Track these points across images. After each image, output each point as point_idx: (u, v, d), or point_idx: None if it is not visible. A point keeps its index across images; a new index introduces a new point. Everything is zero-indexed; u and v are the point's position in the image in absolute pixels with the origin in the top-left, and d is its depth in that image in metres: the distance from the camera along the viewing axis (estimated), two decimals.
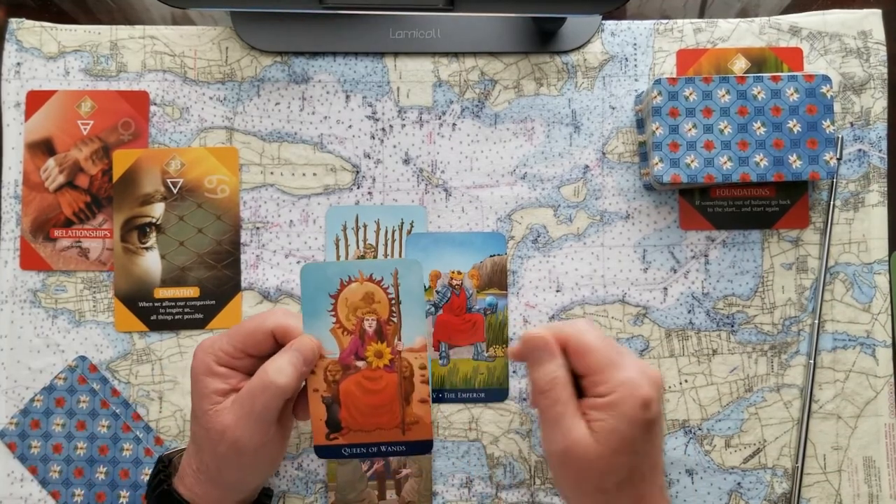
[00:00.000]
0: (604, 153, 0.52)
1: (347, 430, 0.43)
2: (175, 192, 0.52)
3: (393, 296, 0.43)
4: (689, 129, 0.48)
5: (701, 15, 0.55)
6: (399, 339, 0.43)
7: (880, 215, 0.52)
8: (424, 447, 0.44)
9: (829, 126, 0.48)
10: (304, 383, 0.43)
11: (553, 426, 0.40)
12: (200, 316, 0.51)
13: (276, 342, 0.43)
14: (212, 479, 0.42)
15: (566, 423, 0.39)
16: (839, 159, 0.51)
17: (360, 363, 0.43)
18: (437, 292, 0.51)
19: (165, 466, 0.45)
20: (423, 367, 0.43)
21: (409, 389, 0.43)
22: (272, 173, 0.52)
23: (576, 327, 0.41)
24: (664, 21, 0.53)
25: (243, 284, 0.52)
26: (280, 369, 0.40)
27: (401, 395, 0.43)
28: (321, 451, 0.44)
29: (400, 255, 0.51)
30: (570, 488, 0.41)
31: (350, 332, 0.43)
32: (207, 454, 0.42)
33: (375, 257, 0.51)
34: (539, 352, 0.41)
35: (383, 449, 0.44)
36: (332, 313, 0.43)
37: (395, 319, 0.43)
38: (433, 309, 0.51)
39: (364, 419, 0.43)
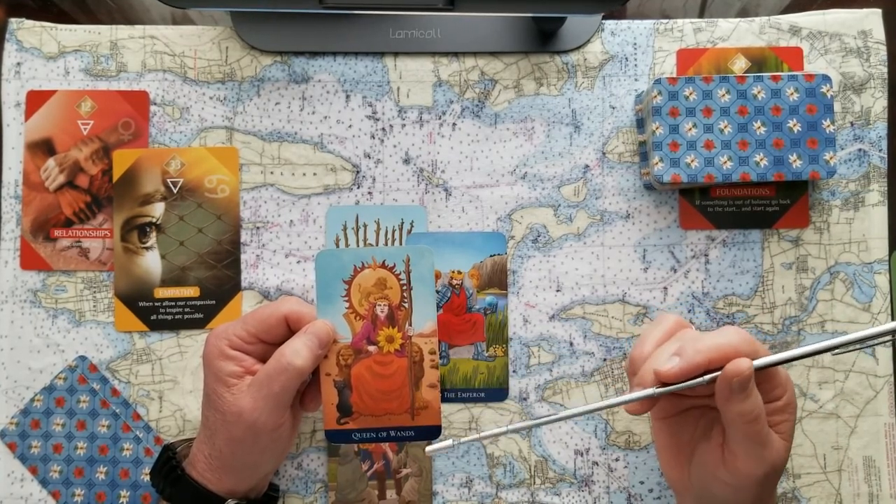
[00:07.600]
0: (604, 153, 0.52)
1: (358, 415, 0.44)
2: (175, 191, 0.52)
3: (405, 282, 0.44)
4: (690, 129, 0.48)
5: (701, 15, 0.55)
6: (410, 325, 0.44)
7: (880, 215, 0.52)
8: (433, 433, 0.44)
9: (829, 126, 0.48)
10: (313, 374, 0.44)
11: (761, 447, 0.38)
12: (200, 316, 0.51)
13: (289, 329, 0.43)
14: (225, 464, 0.43)
15: (771, 439, 0.39)
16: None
17: (371, 348, 0.44)
18: (438, 292, 0.51)
19: (174, 454, 0.45)
20: (433, 353, 0.44)
21: (419, 374, 0.44)
22: (272, 173, 0.52)
23: (731, 341, 0.38)
24: (664, 21, 0.53)
25: (243, 284, 0.52)
26: (297, 351, 0.41)
27: (411, 379, 0.44)
28: (332, 436, 0.44)
29: None
30: (753, 497, 0.40)
31: (362, 318, 0.44)
32: (221, 439, 0.42)
33: None
34: (749, 382, 0.37)
35: (392, 434, 0.44)
36: (346, 299, 0.44)
37: (406, 305, 0.44)
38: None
39: (374, 404, 0.44)
